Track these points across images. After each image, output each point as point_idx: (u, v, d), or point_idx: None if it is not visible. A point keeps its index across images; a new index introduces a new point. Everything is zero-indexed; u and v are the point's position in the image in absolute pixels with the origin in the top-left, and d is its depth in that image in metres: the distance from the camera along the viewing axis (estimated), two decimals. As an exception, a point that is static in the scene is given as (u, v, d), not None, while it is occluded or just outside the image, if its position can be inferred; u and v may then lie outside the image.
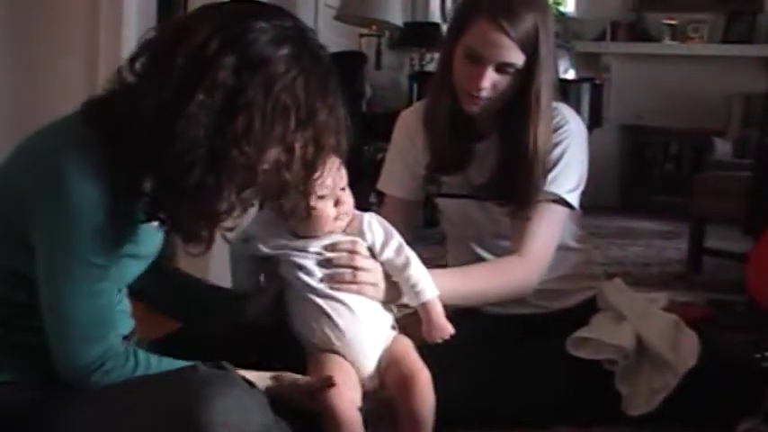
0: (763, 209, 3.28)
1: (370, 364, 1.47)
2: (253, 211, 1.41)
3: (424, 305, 1.49)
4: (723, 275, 3.92)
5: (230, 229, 1.34)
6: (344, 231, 1.49)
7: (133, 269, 1.36)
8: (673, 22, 6.89)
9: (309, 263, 1.46)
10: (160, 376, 1.26)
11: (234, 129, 1.16)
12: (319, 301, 1.45)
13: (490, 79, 1.66)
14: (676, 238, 4.92)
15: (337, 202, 1.45)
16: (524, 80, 1.67)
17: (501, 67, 1.66)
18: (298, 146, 1.22)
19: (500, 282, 1.73)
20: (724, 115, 6.24)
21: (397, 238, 1.51)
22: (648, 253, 4.75)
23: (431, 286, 1.49)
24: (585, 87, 5.09)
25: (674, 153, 6.67)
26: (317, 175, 1.28)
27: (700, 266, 4.16)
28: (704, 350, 1.72)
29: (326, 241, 1.47)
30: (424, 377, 1.46)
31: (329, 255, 1.46)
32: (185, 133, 1.15)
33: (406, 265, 1.49)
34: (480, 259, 1.88)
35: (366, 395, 1.46)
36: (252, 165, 1.19)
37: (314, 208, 1.42)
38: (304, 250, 1.46)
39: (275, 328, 1.52)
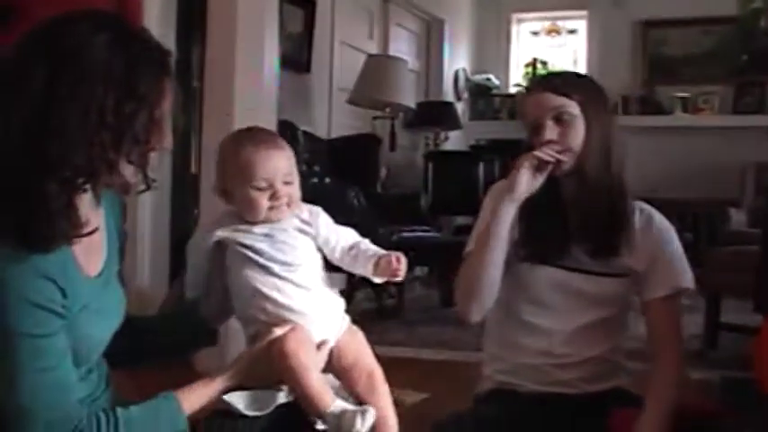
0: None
1: (322, 336, 1.51)
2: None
3: (383, 257, 1.53)
4: (739, 351, 3.89)
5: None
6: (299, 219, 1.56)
7: (91, 332, 1.31)
8: (684, 94, 7.01)
9: (256, 242, 1.51)
10: None
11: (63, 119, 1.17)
12: (264, 278, 1.49)
13: (553, 131, 1.78)
14: (693, 311, 4.89)
15: (273, 196, 1.51)
16: (587, 127, 1.79)
17: (559, 117, 1.79)
18: (122, 122, 1.22)
19: (673, 387, 1.83)
20: (738, 185, 6.28)
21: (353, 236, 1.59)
22: (665, 328, 4.71)
23: (379, 248, 1.56)
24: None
25: (691, 224, 6.68)
26: (151, 146, 1.28)
27: (715, 342, 4.13)
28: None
29: (274, 224, 1.53)
30: (381, 373, 1.55)
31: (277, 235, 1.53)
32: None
33: (358, 243, 1.57)
34: (530, 328, 1.89)
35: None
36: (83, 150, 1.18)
37: (250, 197, 1.50)
38: (249, 231, 1.52)
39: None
